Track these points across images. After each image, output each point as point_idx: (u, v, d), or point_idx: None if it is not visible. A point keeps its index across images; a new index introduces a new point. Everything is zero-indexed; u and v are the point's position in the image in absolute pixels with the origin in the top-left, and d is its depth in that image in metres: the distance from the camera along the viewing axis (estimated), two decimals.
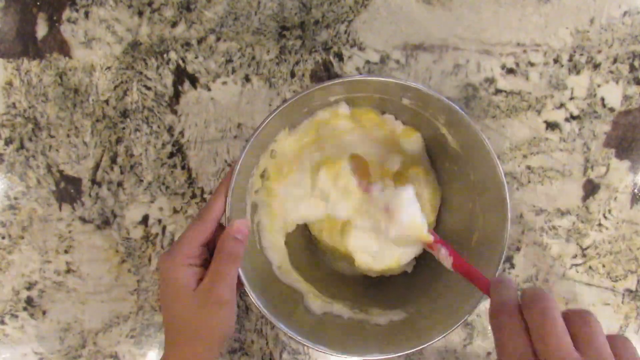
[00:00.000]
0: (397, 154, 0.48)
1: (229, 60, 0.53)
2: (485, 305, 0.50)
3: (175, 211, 0.54)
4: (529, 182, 0.54)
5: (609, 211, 0.55)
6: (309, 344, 0.40)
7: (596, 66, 0.53)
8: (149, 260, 0.54)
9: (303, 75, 0.53)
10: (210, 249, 0.39)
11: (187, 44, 0.53)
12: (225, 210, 0.39)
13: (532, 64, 0.53)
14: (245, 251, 0.39)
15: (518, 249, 0.54)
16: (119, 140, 0.54)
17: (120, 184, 0.54)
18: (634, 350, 0.27)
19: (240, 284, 0.39)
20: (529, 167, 0.54)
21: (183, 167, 0.54)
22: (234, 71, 0.53)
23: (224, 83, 0.53)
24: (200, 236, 0.38)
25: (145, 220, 0.54)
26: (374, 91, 0.44)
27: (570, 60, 0.53)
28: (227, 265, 0.37)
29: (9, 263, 0.54)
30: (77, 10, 0.53)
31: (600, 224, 0.55)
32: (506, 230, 0.40)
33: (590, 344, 0.26)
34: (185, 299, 0.36)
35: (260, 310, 0.40)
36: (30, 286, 0.54)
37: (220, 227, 0.40)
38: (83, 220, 0.54)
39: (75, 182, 0.54)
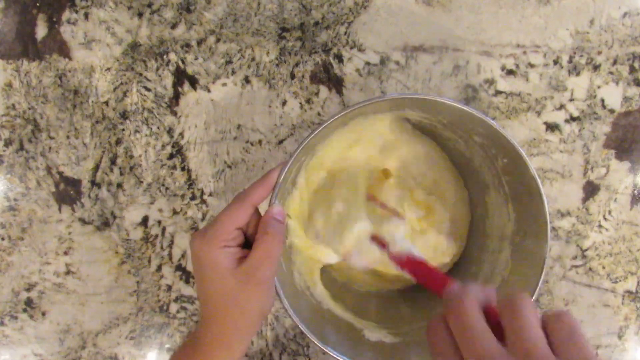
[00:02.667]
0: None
1: (229, 62, 0.53)
2: None
3: (175, 212, 0.54)
4: None
5: (609, 212, 0.55)
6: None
7: (596, 67, 0.53)
8: (149, 261, 0.54)
9: (303, 76, 0.53)
10: (244, 232, 0.39)
11: (186, 45, 0.53)
12: (268, 196, 0.39)
13: (532, 65, 0.53)
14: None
15: None
16: (118, 142, 0.54)
17: (119, 186, 0.54)
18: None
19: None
20: None
21: (183, 169, 0.54)
22: (233, 72, 0.53)
23: (224, 84, 0.53)
24: (238, 219, 0.38)
25: (144, 221, 0.54)
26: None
27: (570, 61, 0.53)
28: (273, 246, 0.37)
29: (9, 264, 0.54)
30: (76, 12, 0.53)
31: (600, 225, 0.55)
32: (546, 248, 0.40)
33: (569, 343, 0.25)
34: (225, 278, 0.36)
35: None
36: (29, 287, 0.54)
37: (255, 213, 0.40)
38: (83, 221, 0.54)
39: (75, 183, 0.54)
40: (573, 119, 0.54)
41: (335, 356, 0.40)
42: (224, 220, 0.37)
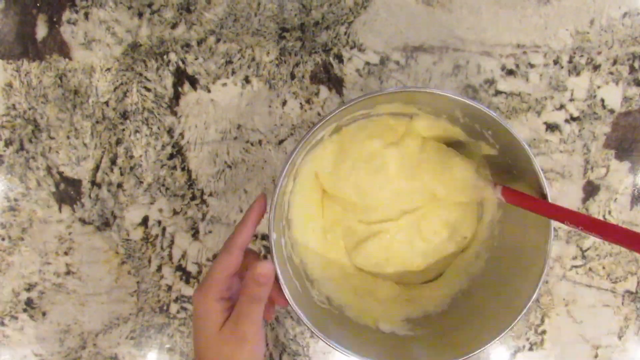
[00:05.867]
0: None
1: (229, 62, 0.53)
2: None
3: (175, 213, 0.54)
4: None
5: (609, 212, 0.55)
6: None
7: (596, 67, 0.53)
8: (149, 261, 0.54)
9: (303, 76, 0.53)
10: (241, 277, 0.40)
11: (187, 46, 0.53)
12: (250, 238, 0.39)
13: (532, 66, 0.53)
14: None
15: None
16: (118, 142, 0.54)
17: (120, 186, 0.54)
18: None
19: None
20: None
21: (183, 169, 0.54)
22: (233, 72, 0.53)
23: (224, 84, 0.53)
24: (227, 269, 0.38)
25: (145, 221, 0.54)
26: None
27: (570, 61, 0.53)
28: (249, 306, 0.37)
29: (9, 264, 0.54)
30: (76, 12, 0.53)
31: None
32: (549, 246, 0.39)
33: None
34: (210, 335, 0.37)
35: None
36: (30, 288, 0.54)
37: (250, 253, 0.40)
38: (83, 221, 0.54)
39: (75, 183, 0.54)
40: (573, 119, 0.54)
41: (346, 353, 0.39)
42: (216, 271, 0.38)
